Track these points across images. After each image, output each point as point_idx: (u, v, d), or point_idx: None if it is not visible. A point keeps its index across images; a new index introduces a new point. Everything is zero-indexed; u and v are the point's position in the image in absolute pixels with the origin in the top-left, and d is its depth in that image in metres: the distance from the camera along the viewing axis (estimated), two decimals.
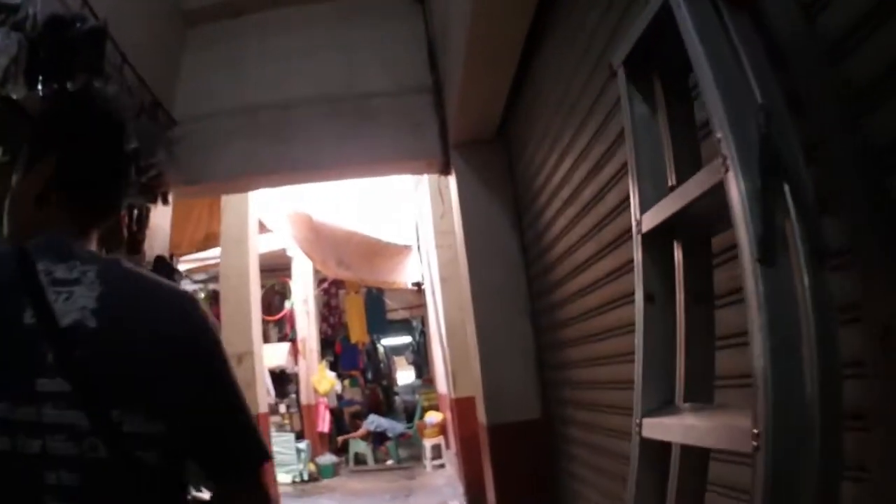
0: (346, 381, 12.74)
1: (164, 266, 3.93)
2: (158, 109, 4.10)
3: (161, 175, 3.83)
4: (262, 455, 1.01)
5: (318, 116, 4.66)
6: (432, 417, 9.95)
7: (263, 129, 4.60)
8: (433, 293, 7.21)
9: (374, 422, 10.66)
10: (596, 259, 2.71)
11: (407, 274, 8.53)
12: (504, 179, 4.52)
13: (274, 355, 9.99)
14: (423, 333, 13.72)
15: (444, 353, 6.77)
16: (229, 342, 5.23)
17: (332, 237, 7.39)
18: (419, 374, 14.83)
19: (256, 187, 5.77)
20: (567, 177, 3.03)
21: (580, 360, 3.21)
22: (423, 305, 11.42)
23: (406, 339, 16.22)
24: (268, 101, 4.66)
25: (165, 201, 4.19)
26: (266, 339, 11.39)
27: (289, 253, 10.14)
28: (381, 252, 7.97)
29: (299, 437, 9.80)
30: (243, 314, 6.62)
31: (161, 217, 4.31)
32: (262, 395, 6.58)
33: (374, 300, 12.89)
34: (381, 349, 14.56)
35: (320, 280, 12.81)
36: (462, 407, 5.99)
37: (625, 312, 2.32)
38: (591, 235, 2.73)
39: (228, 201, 6.73)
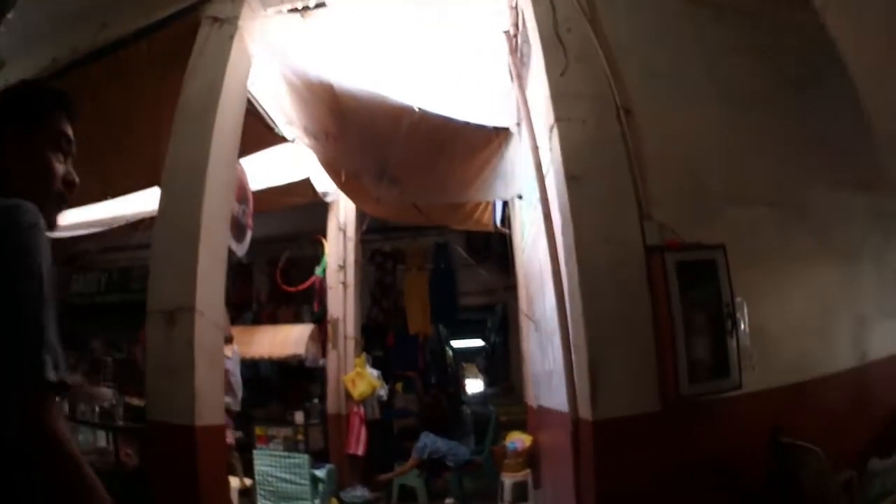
0: (399, 385, 9.55)
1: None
2: None
3: None
4: (34, 377, 0.95)
5: None
6: (516, 441, 6.48)
7: None
8: (544, 216, 3.78)
9: (426, 445, 7.28)
10: None
11: (498, 188, 5.01)
12: None
13: (285, 340, 6.98)
14: (504, 328, 10.27)
15: (570, 331, 3.44)
16: (157, 290, 3.63)
17: (370, 122, 4.21)
18: (493, 382, 11.22)
19: None
20: None
21: None
22: (509, 288, 8.03)
23: (477, 343, 12.81)
24: None
25: None
26: (276, 320, 8.59)
27: (325, 195, 7.08)
28: (453, 144, 4.54)
29: (319, 459, 6.71)
30: (183, 241, 3.57)
31: None
32: (209, 390, 3.43)
33: (443, 279, 9.85)
34: (448, 348, 11.27)
35: (373, 252, 9.78)
36: (609, 437, 3.01)
37: None
38: None
39: (197, 65, 3.94)
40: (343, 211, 7.53)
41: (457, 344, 12.53)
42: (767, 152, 3.83)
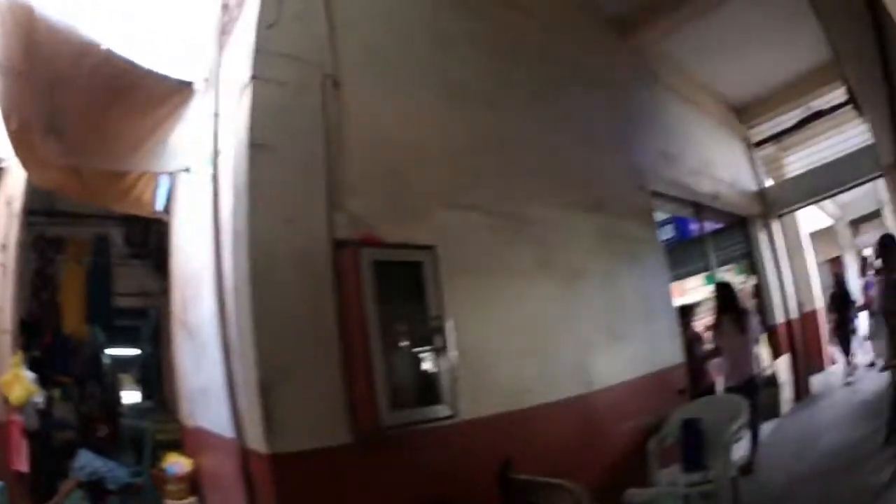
0: (57, 392, 7.71)
1: None
2: None
3: None
4: None
5: None
6: (175, 465, 5.38)
7: None
8: (213, 195, 3.06)
9: (84, 464, 5.89)
10: None
11: (167, 157, 4.14)
12: None
13: None
14: (156, 336, 9.09)
15: (234, 341, 2.80)
16: None
17: (55, 57, 3.22)
18: (148, 395, 9.81)
19: None
20: None
21: None
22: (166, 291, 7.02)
23: (134, 351, 11.30)
24: None
25: None
26: None
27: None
28: (131, 95, 3.65)
29: None
30: None
31: None
32: None
33: (100, 276, 8.18)
34: (102, 354, 9.56)
35: (36, 236, 7.85)
36: (290, 475, 2.45)
37: None
38: None
39: None
40: (13, 181, 6.04)
41: (114, 350, 10.92)
42: (490, 158, 3.72)
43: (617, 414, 4.01)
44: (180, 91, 3.82)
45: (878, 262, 5.06)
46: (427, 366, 2.67)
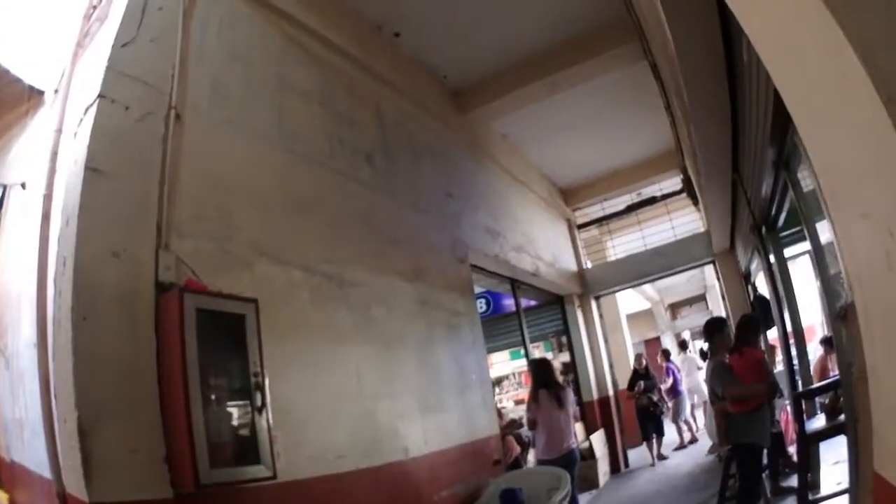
0: None
1: None
2: None
3: None
4: None
5: None
6: None
7: None
8: (42, 216, 2.73)
9: None
10: None
11: (3, 167, 3.78)
12: None
13: None
14: None
15: (52, 375, 2.60)
16: None
17: None
18: None
19: None
20: None
21: None
22: None
23: None
24: None
25: None
26: None
27: None
28: None
29: None
30: None
31: None
32: None
33: None
34: None
35: None
36: None
37: None
38: None
39: None
40: None
41: None
42: (317, 216, 3.70)
43: (433, 482, 4.00)
44: (31, 97, 3.51)
45: (706, 346, 5.50)
46: (246, 423, 2.52)
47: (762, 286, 7.19)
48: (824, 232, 3.51)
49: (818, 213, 3.44)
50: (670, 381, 10.13)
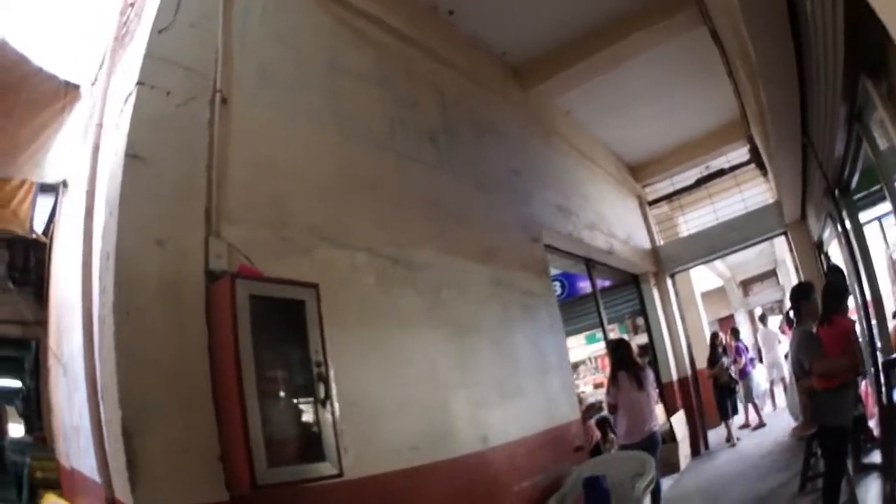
0: None
1: None
2: None
3: None
4: None
5: None
6: None
7: None
8: (86, 212, 2.67)
9: None
10: None
11: (47, 165, 3.72)
12: None
13: None
14: (37, 369, 8.47)
15: (93, 376, 2.47)
16: None
17: None
18: (30, 430, 9.15)
19: None
20: None
21: None
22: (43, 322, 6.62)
23: (15, 384, 10.49)
24: None
25: None
26: None
27: None
28: (17, 93, 3.23)
29: None
30: None
31: None
32: None
33: None
34: None
35: None
36: None
37: None
38: None
39: None
40: None
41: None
42: (380, 197, 3.54)
43: (513, 472, 3.78)
44: (67, 92, 3.46)
45: (791, 312, 5.13)
46: (309, 417, 2.35)
47: (835, 255, 6.85)
48: None
49: None
50: (743, 360, 9.69)
